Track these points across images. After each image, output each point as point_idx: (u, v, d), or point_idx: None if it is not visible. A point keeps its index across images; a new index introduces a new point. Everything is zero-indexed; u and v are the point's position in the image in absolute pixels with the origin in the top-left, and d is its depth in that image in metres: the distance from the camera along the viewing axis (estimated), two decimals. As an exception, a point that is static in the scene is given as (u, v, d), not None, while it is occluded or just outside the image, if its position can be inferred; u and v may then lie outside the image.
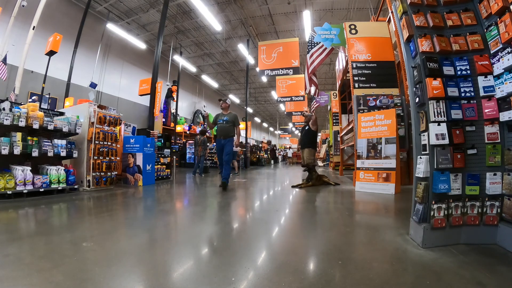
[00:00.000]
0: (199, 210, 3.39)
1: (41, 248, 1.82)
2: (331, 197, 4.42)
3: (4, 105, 3.80)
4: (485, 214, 1.85)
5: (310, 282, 1.39)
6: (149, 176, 5.82)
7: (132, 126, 7.17)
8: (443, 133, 1.86)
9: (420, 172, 1.93)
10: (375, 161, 4.78)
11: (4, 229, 2.27)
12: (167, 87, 13.76)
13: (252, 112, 31.94)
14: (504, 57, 1.76)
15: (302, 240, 2.20)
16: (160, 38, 7.25)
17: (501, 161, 1.81)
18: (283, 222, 2.80)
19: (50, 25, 9.19)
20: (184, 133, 15.71)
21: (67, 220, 2.87)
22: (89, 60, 11.19)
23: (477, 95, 1.91)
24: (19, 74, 6.82)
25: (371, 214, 3.21)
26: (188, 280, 1.41)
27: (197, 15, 12.18)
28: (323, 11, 11.86)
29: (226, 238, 2.26)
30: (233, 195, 4.66)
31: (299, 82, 12.15)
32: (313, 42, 7.43)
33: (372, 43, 6.02)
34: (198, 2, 9.19)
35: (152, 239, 2.17)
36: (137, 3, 11.56)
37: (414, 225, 2.01)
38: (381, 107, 5.38)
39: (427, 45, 1.97)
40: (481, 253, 1.71)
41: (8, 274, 1.41)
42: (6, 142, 3.67)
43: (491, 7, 1.80)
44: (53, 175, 4.11)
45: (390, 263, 1.64)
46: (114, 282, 1.37)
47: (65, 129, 4.41)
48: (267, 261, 1.71)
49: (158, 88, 10.37)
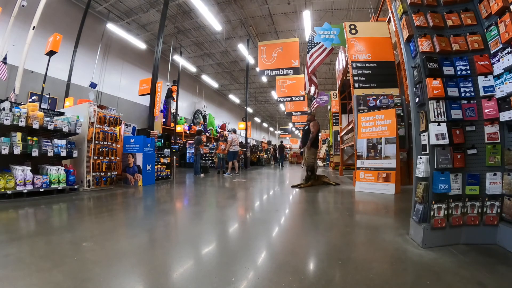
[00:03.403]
0: (199, 210, 3.38)
1: (41, 248, 1.82)
2: (331, 197, 4.42)
3: (4, 105, 3.80)
4: (485, 214, 1.85)
5: (310, 282, 1.39)
6: (149, 176, 5.82)
7: (132, 126, 7.17)
8: (443, 133, 1.86)
9: (420, 172, 1.93)
10: (375, 161, 4.78)
11: (4, 229, 2.27)
12: (167, 87, 13.76)
13: (252, 112, 31.93)
14: (504, 57, 1.76)
15: (302, 240, 2.20)
16: (160, 38, 7.25)
17: (501, 161, 1.81)
18: (283, 222, 2.80)
19: (50, 25, 9.19)
20: (184, 133, 15.71)
21: (67, 220, 2.87)
22: (89, 60, 11.19)
23: (477, 95, 1.91)
24: (19, 74, 6.82)
25: (371, 214, 3.21)
26: (188, 280, 1.41)
27: (197, 15, 12.17)
28: (323, 11, 11.85)
29: (226, 238, 2.26)
30: (233, 195, 4.66)
31: (299, 82, 12.14)
32: (313, 42, 7.43)
33: (372, 43, 6.02)
34: (198, 2, 9.18)
35: (152, 239, 2.16)
36: (137, 3, 11.55)
37: (414, 225, 2.01)
38: (381, 107, 5.38)
39: (427, 45, 1.97)
40: (481, 253, 1.71)
41: (8, 274, 1.40)
42: (6, 142, 3.67)
43: (491, 7, 1.80)
44: (53, 175, 4.11)
45: (390, 263, 1.64)
46: (114, 282, 1.37)
47: (65, 129, 4.41)
48: (267, 261, 1.71)
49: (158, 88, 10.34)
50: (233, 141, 9.08)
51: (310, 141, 5.60)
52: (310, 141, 5.60)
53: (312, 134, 5.60)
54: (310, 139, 5.59)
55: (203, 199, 4.29)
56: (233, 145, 9.07)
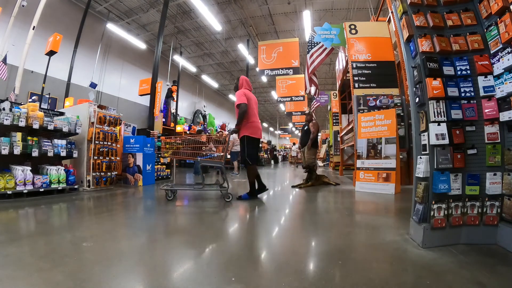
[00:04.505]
0: (199, 211, 3.39)
1: (41, 248, 1.82)
2: (331, 197, 4.42)
3: (4, 105, 3.79)
4: (485, 214, 1.85)
5: (310, 282, 1.39)
6: (149, 176, 5.82)
7: (132, 126, 7.17)
8: (443, 133, 1.86)
9: (420, 172, 1.93)
10: (375, 161, 4.78)
11: (4, 229, 2.27)
12: (167, 87, 13.75)
13: (252, 112, 31.89)
14: (504, 57, 1.76)
15: (302, 240, 2.20)
16: (160, 38, 7.26)
17: (501, 161, 1.81)
18: (283, 222, 2.79)
19: (50, 25, 9.19)
20: (184, 133, 15.71)
21: (67, 220, 2.87)
22: (89, 60, 11.19)
23: (477, 95, 1.90)
24: (19, 74, 6.82)
25: (371, 214, 3.21)
26: (188, 280, 1.41)
27: (197, 15, 12.17)
28: (323, 11, 11.85)
29: (225, 238, 2.26)
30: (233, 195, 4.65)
31: (299, 82, 12.14)
32: (313, 42, 7.43)
33: (372, 43, 6.02)
34: (198, 2, 9.19)
35: (152, 239, 2.16)
36: (137, 3, 11.56)
37: (414, 225, 2.01)
38: (381, 107, 5.38)
39: (427, 45, 1.97)
40: (481, 253, 1.71)
41: (8, 274, 1.40)
42: (6, 142, 3.67)
43: (491, 7, 1.80)
44: (53, 175, 4.11)
45: (390, 263, 1.64)
46: (114, 282, 1.37)
47: (65, 129, 4.41)
48: (267, 261, 1.71)
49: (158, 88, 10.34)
50: (235, 141, 9.09)
51: (310, 141, 5.60)
52: (311, 141, 5.60)
53: (313, 134, 5.60)
54: (311, 139, 5.60)
55: (203, 199, 4.28)
56: (234, 145, 9.08)
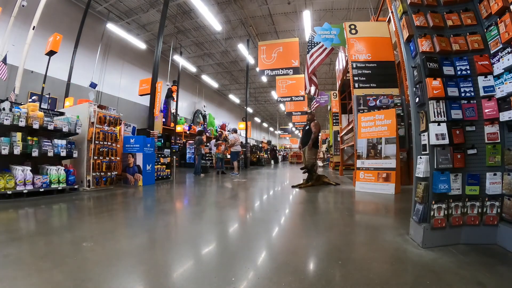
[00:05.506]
0: (199, 210, 3.39)
1: (41, 248, 1.82)
2: (331, 197, 4.42)
3: (4, 105, 3.79)
4: (485, 214, 1.85)
5: (310, 282, 1.39)
6: (149, 176, 5.82)
7: (132, 126, 7.16)
8: (443, 133, 1.86)
9: (420, 172, 1.93)
10: (375, 161, 4.78)
11: (4, 229, 2.27)
12: (167, 87, 13.76)
13: (252, 112, 31.92)
14: (504, 57, 1.76)
15: (302, 240, 2.20)
16: (160, 38, 7.25)
17: (501, 161, 1.81)
18: (283, 222, 2.80)
19: (50, 25, 9.18)
20: (184, 133, 15.71)
21: (67, 220, 2.87)
22: (89, 60, 11.19)
23: (477, 95, 1.90)
24: (19, 74, 6.82)
25: (371, 214, 3.21)
26: (188, 280, 1.41)
27: (197, 15, 12.17)
28: (323, 11, 11.85)
29: (226, 238, 2.26)
30: (233, 196, 4.66)
31: (299, 82, 12.14)
32: (313, 42, 7.43)
33: (372, 43, 6.02)
34: (198, 2, 9.18)
35: (152, 239, 2.16)
36: (137, 3, 11.55)
37: (414, 225, 2.01)
38: (381, 107, 5.38)
39: (427, 45, 1.97)
40: (481, 253, 1.71)
41: (8, 274, 1.40)
42: (6, 142, 3.67)
43: (491, 7, 1.80)
44: (53, 175, 4.11)
45: (390, 263, 1.64)
46: (114, 282, 1.37)
47: (65, 129, 4.41)
48: (267, 261, 1.71)
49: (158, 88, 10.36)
50: (236, 141, 9.10)
51: (311, 141, 5.59)
52: (312, 141, 5.59)
53: (314, 134, 5.59)
54: (312, 139, 5.59)
55: (204, 199, 4.29)
56: (235, 145, 9.09)
